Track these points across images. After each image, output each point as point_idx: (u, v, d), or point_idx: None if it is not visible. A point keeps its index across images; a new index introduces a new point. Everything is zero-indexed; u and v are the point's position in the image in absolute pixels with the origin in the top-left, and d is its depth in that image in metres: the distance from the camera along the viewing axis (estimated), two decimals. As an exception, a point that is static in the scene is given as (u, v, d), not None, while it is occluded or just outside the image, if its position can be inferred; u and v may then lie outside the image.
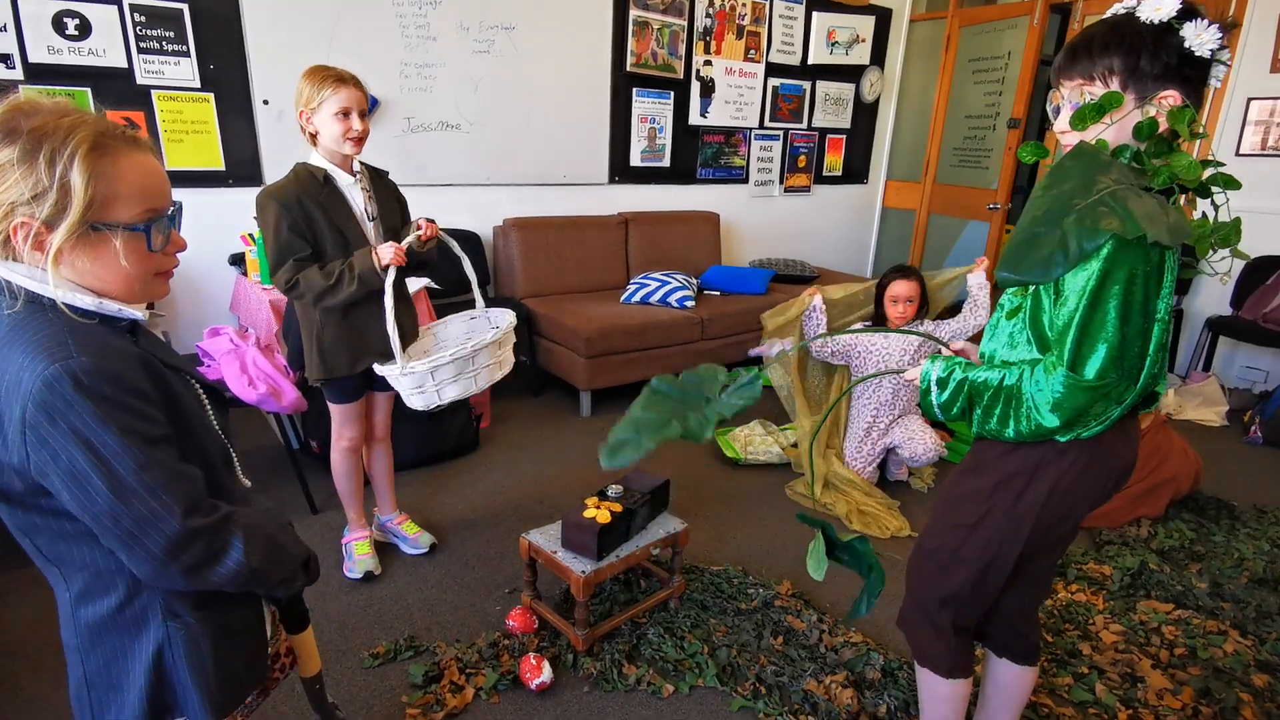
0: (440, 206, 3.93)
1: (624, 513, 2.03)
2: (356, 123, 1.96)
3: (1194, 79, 1.11)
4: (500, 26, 3.87)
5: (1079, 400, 1.12)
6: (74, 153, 0.83)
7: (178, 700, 0.99)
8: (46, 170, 0.82)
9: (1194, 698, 1.90)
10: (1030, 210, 1.07)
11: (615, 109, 4.40)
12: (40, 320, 0.84)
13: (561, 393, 4.02)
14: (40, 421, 0.80)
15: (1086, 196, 1.01)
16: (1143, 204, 0.99)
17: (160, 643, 0.96)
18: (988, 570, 1.33)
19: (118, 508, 0.84)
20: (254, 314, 2.97)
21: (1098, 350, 1.09)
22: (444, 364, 1.95)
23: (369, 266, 1.96)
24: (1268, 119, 4.07)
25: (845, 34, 5.17)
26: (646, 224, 4.59)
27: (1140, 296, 1.08)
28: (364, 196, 2.09)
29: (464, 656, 1.98)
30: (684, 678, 1.95)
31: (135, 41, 3.05)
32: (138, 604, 0.95)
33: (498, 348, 2.08)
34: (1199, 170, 1.05)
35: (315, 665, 1.32)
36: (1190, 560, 2.55)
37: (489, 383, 2.06)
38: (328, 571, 2.35)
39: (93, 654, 0.96)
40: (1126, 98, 1.12)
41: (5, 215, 0.83)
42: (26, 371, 0.81)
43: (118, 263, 0.89)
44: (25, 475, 0.84)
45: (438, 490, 2.92)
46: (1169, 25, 1.09)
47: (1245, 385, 4.28)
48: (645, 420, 0.95)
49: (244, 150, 3.37)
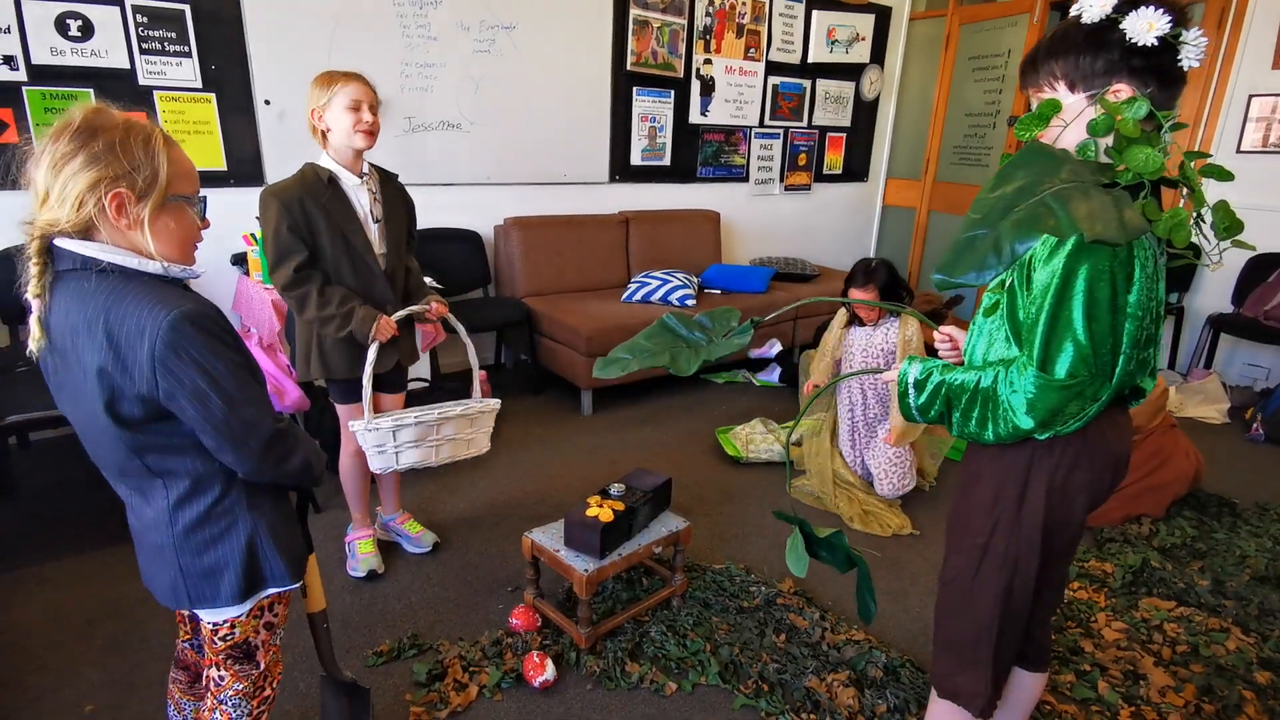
0: (441, 206, 3.93)
1: (626, 511, 2.03)
2: (367, 114, 1.99)
3: (1148, 68, 1.10)
4: (500, 26, 3.87)
5: (1052, 400, 1.12)
6: (157, 141, 1.07)
7: (265, 574, 1.24)
8: (142, 152, 1.05)
9: (1196, 695, 1.91)
10: (972, 212, 1.05)
11: (616, 108, 4.41)
12: (135, 284, 1.06)
13: (563, 391, 4.03)
14: (168, 355, 1.03)
15: (1030, 197, 1.00)
16: (1089, 203, 0.97)
17: (251, 529, 1.21)
18: (1011, 588, 1.30)
19: (230, 416, 1.09)
20: (256, 314, 2.97)
21: (1065, 349, 1.09)
22: (407, 425, 1.96)
23: (364, 331, 2.01)
24: (1269, 116, 4.07)
25: (845, 32, 5.17)
26: (647, 223, 4.60)
27: (1106, 294, 1.07)
28: (369, 198, 2.09)
29: (467, 655, 1.99)
30: (686, 675, 1.95)
31: (137, 42, 3.06)
32: (228, 501, 1.19)
33: (469, 424, 2.09)
34: (1159, 162, 1.05)
35: (320, 601, 1.52)
36: (1192, 558, 2.55)
37: (452, 457, 2.08)
38: (331, 570, 2.36)
39: (187, 548, 1.18)
40: (1077, 98, 1.14)
41: (102, 188, 1.02)
42: (149, 320, 1.02)
43: (191, 226, 1.14)
44: (150, 401, 1.06)
45: (440, 489, 2.93)
46: (1112, 20, 1.09)
47: (1246, 382, 4.28)
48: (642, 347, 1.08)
49: (245, 150, 3.38)
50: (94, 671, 1.91)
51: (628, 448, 3.38)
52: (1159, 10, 1.06)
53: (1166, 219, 1.07)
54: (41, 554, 2.39)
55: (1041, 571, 1.31)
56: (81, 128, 1.03)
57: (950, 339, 1.44)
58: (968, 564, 1.33)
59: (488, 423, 2.16)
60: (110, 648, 1.99)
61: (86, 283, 1.04)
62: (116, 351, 1.03)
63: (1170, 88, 1.12)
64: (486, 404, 2.18)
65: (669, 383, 4.14)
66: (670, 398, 4.00)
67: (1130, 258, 1.08)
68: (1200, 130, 4.30)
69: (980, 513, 1.30)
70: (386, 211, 2.13)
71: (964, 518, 1.35)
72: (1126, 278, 1.08)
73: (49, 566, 2.33)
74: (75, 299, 1.05)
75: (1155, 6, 1.07)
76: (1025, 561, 1.28)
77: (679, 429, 3.61)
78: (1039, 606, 1.39)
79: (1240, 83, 4.14)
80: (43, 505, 2.66)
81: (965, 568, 1.33)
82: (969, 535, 1.33)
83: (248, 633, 1.29)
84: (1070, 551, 1.37)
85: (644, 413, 3.81)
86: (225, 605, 1.22)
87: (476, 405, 2.16)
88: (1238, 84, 4.15)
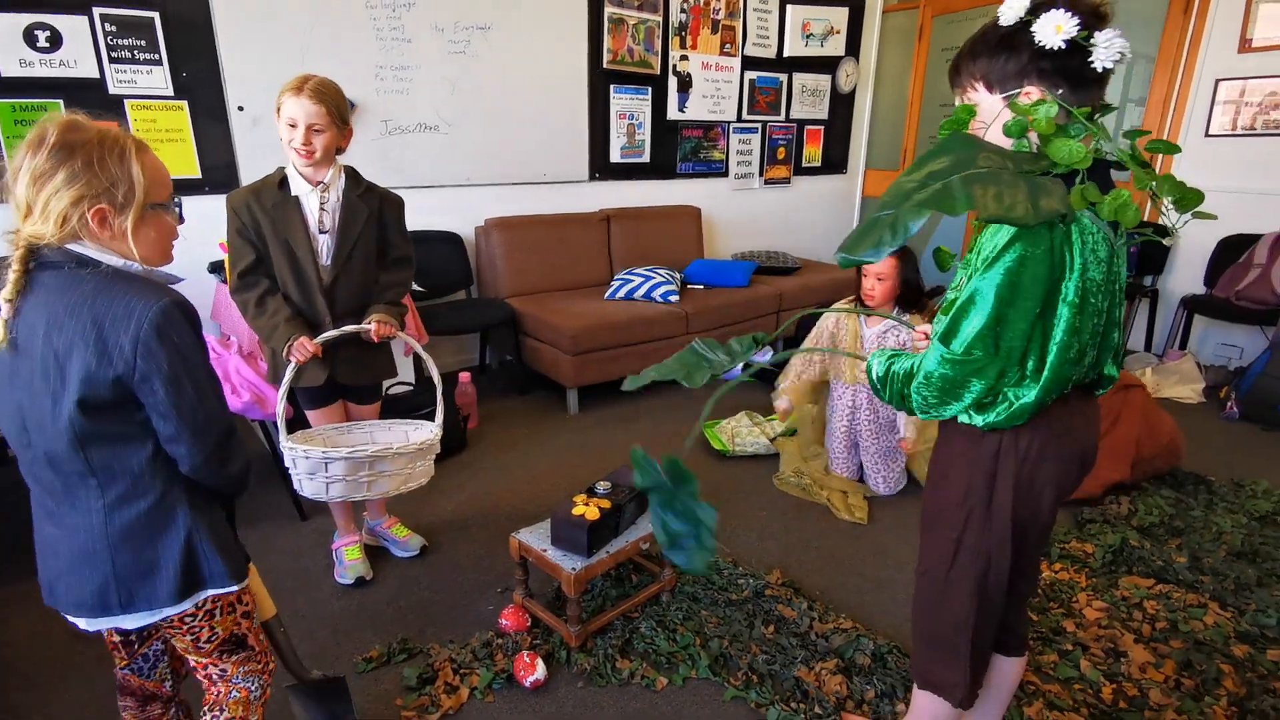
0: (420, 208, 3.92)
1: (613, 509, 2.04)
2: (300, 135, 1.92)
3: (1057, 70, 1.12)
4: (475, 27, 3.86)
5: (946, 372, 1.14)
6: (131, 153, 1.11)
7: (204, 574, 1.23)
8: (119, 166, 1.09)
9: (1176, 670, 1.94)
10: (884, 195, 1.07)
11: (593, 106, 4.41)
12: (124, 277, 1.11)
13: (548, 391, 4.03)
14: (153, 337, 1.08)
15: (941, 180, 1.01)
16: (996, 187, 0.98)
17: (189, 529, 1.21)
18: (985, 580, 1.31)
19: (198, 405, 1.14)
20: (236, 322, 2.95)
21: (967, 324, 1.12)
22: (335, 459, 1.87)
23: (280, 348, 2.00)
24: (1236, 99, 4.13)
25: (819, 26, 5.20)
26: (628, 220, 4.61)
27: (1029, 279, 1.08)
28: (319, 207, 2.03)
29: (458, 657, 2.00)
30: (677, 670, 1.97)
31: (107, 51, 3.03)
32: (168, 500, 1.20)
33: (408, 461, 1.97)
34: (1082, 151, 1.07)
35: (270, 609, 1.54)
36: (1170, 535, 2.60)
37: (386, 494, 1.99)
38: (319, 577, 2.36)
39: (123, 550, 1.17)
40: (995, 98, 1.18)
41: (85, 204, 1.07)
42: (139, 305, 1.07)
43: (171, 231, 1.20)
44: (122, 384, 1.09)
45: (427, 492, 2.91)
46: (1025, 23, 1.12)
47: (1220, 362, 4.35)
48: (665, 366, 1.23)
49: (220, 157, 3.36)
50: (79, 689, 1.90)
51: (614, 445, 3.39)
52: (1068, 13, 1.08)
53: (1109, 201, 1.08)
54: (25, 571, 2.37)
55: (1014, 562, 1.32)
56: (58, 144, 1.06)
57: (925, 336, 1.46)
58: (942, 557, 1.35)
59: (431, 452, 2.05)
60: (95, 665, 1.97)
61: (74, 275, 1.09)
62: (100, 333, 1.07)
63: (1082, 89, 1.13)
64: (426, 439, 2.04)
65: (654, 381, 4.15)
66: (656, 395, 4.01)
67: (1069, 242, 1.09)
68: (1169, 114, 4.36)
69: (952, 506, 1.32)
70: (341, 223, 2.05)
71: (937, 512, 1.37)
72: (1059, 263, 1.10)
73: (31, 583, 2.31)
74: (56, 289, 1.09)
75: (1065, 9, 1.08)
76: (998, 553, 1.29)
77: (665, 425, 3.62)
78: (1014, 596, 1.41)
79: (1207, 67, 4.19)
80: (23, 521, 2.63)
81: (940, 561, 1.35)
82: (942, 529, 1.34)
83: (229, 628, 1.31)
84: (1042, 541, 1.39)
85: (630, 410, 3.82)
86: (163, 605, 1.21)
87: (414, 443, 2.00)
88: (1205, 68, 4.20)
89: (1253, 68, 4.04)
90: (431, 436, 2.06)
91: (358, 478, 1.92)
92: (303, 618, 2.17)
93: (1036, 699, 1.84)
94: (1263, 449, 3.40)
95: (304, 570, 2.42)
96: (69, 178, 1.06)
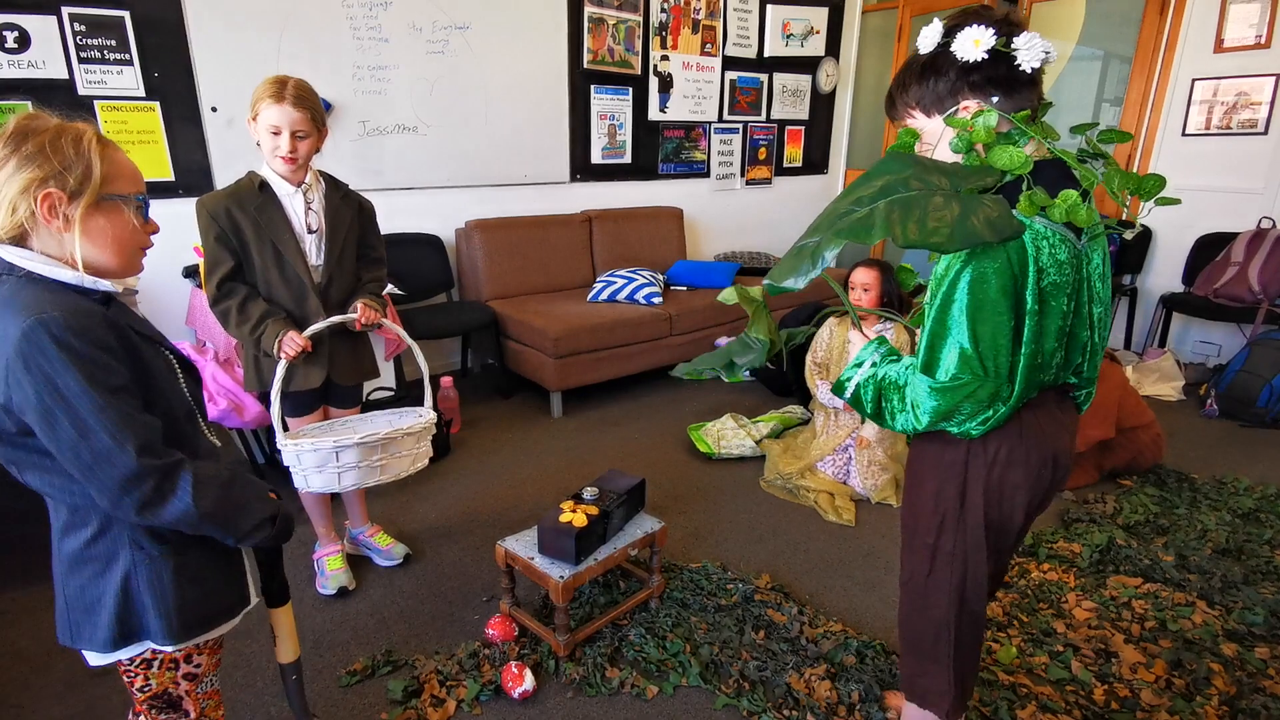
0: (400, 210, 3.87)
1: (601, 515, 2.01)
2: (285, 143, 1.89)
3: (987, 80, 1.14)
4: (454, 26, 3.82)
5: (941, 402, 1.13)
6: (90, 141, 1.04)
7: (141, 624, 1.12)
8: (73, 150, 1.02)
9: (1166, 670, 1.94)
10: (813, 221, 1.09)
11: (574, 107, 4.38)
12: (30, 288, 1.00)
13: (532, 394, 3.99)
14: (18, 365, 0.95)
15: (866, 206, 1.02)
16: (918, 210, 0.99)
17: (127, 570, 1.09)
18: (964, 585, 1.31)
19: (79, 442, 0.98)
20: (211, 328, 2.89)
21: (946, 352, 1.12)
22: (348, 447, 1.86)
23: (270, 347, 1.94)
24: (1211, 99, 4.17)
25: (799, 26, 5.20)
26: (610, 221, 4.57)
27: (994, 293, 1.08)
28: (304, 208, 2.01)
29: (444, 669, 1.96)
30: (667, 678, 1.94)
31: (76, 52, 2.95)
32: (109, 536, 1.09)
33: (416, 441, 2.01)
34: (1023, 156, 1.10)
35: (292, 651, 1.38)
36: (1155, 534, 2.61)
37: (405, 471, 2.00)
38: (300, 588, 2.31)
39: (71, 580, 1.10)
40: (934, 121, 1.20)
41: (34, 190, 0.99)
42: (12, 325, 0.96)
43: (126, 226, 1.08)
44: (12, 414, 0.99)
45: (410, 499, 2.88)
46: (944, 45, 1.15)
47: (1199, 360, 4.40)
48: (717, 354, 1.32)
49: (193, 159, 3.29)
50: (54, 707, 1.84)
51: (600, 449, 3.36)
52: (982, 26, 1.11)
53: (1059, 204, 1.09)
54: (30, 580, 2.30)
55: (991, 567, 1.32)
56: (14, 134, 1.01)
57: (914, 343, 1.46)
58: (921, 564, 1.35)
59: (427, 437, 2.07)
60: (68, 683, 1.91)
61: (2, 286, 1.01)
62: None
63: (1016, 91, 1.15)
64: (425, 417, 2.07)
65: (639, 382, 4.12)
66: (640, 397, 3.98)
67: (1022, 252, 1.08)
68: (1146, 114, 4.40)
69: (927, 514, 1.32)
70: (329, 224, 2.05)
71: (913, 519, 1.36)
72: (1018, 273, 1.09)
73: (4, 599, 2.25)
74: None
75: (979, 23, 1.12)
76: (974, 559, 1.29)
77: (650, 428, 3.59)
78: None
79: (1184, 67, 4.23)
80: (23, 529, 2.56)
81: (919, 568, 1.35)
82: (919, 535, 1.34)
83: (165, 684, 1.20)
84: (1016, 545, 1.38)
85: (614, 413, 3.79)
86: (98, 650, 1.12)
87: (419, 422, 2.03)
88: (1181, 68, 4.24)
89: (1227, 68, 4.09)
90: (430, 416, 2.07)
91: (372, 462, 1.92)
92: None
93: (1030, 701, 1.83)
94: (1242, 445, 3.43)
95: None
96: (20, 163, 0.99)
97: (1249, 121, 4.04)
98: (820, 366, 3.14)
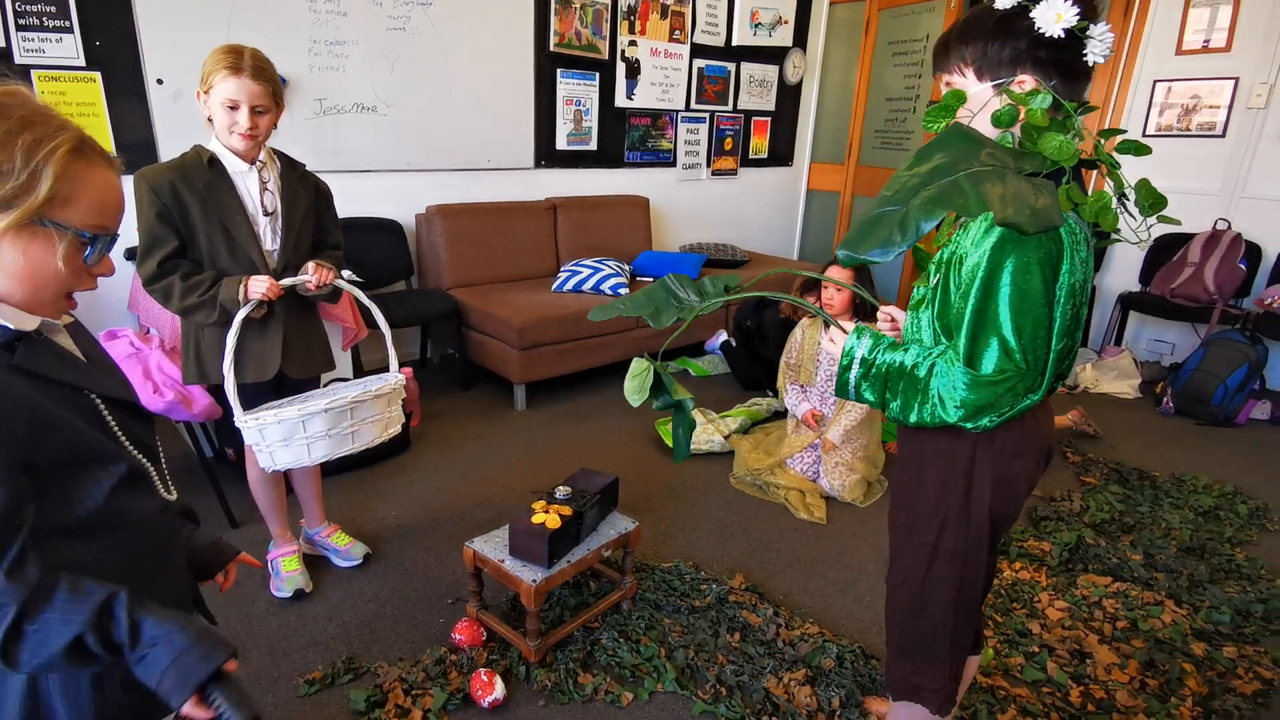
0: (358, 194, 3.72)
1: (574, 516, 1.93)
2: (244, 118, 1.76)
3: (1053, 61, 1.08)
4: (416, 2, 3.66)
5: (981, 396, 1.09)
6: (55, 147, 0.82)
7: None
8: (24, 154, 0.80)
9: (1140, 670, 1.95)
10: (885, 190, 1.02)
11: (539, 90, 4.25)
12: None
13: (494, 386, 3.88)
14: None
15: (944, 177, 0.97)
16: (1004, 186, 0.94)
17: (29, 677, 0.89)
18: (962, 582, 1.28)
19: None
20: (156, 314, 2.72)
21: (992, 345, 1.08)
22: (314, 415, 1.75)
23: (233, 298, 1.78)
24: (1165, 100, 4.24)
25: (768, 15, 5.14)
26: (575, 209, 4.47)
27: (1038, 284, 1.05)
28: (259, 188, 1.88)
29: (409, 676, 1.86)
30: (642, 683, 1.88)
31: (13, 18, 2.74)
32: None
33: (386, 405, 1.92)
34: (1072, 148, 1.04)
35: None
36: (1122, 532, 2.63)
37: (376, 439, 1.90)
38: (254, 591, 2.18)
39: None
40: (983, 86, 1.13)
41: None
42: None
43: (47, 265, 0.84)
44: None
45: (369, 496, 2.76)
46: (1022, 9, 1.08)
47: (1154, 358, 4.49)
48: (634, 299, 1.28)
49: (137, 134, 3.10)
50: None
51: (565, 444, 3.28)
52: (1069, 2, 1.05)
53: (1091, 202, 1.06)
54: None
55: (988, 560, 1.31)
56: None
57: (891, 318, 1.42)
58: (918, 564, 1.31)
59: (399, 396, 1.98)
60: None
61: None
62: None
63: (1074, 82, 1.10)
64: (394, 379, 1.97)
65: (604, 375, 4.03)
66: (606, 390, 3.90)
67: (1060, 245, 1.06)
68: (1108, 115, 4.46)
69: (927, 511, 1.29)
70: (285, 205, 1.91)
71: (909, 518, 1.33)
72: (1055, 266, 1.06)
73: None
74: None
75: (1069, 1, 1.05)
76: (974, 554, 1.27)
77: (616, 423, 3.52)
78: None
79: (1145, 68, 4.30)
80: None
81: (915, 568, 1.32)
82: (916, 534, 1.31)
83: None
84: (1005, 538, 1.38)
85: (580, 406, 3.70)
86: None
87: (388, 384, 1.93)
88: (1143, 69, 4.31)
89: (1188, 69, 4.15)
90: (399, 378, 1.97)
91: (340, 429, 1.81)
92: (236, 637, 2.00)
93: (1009, 705, 1.81)
94: (1198, 443, 3.50)
95: (236, 583, 2.22)
96: None
97: (1207, 124, 4.12)
98: (793, 369, 3.11)
